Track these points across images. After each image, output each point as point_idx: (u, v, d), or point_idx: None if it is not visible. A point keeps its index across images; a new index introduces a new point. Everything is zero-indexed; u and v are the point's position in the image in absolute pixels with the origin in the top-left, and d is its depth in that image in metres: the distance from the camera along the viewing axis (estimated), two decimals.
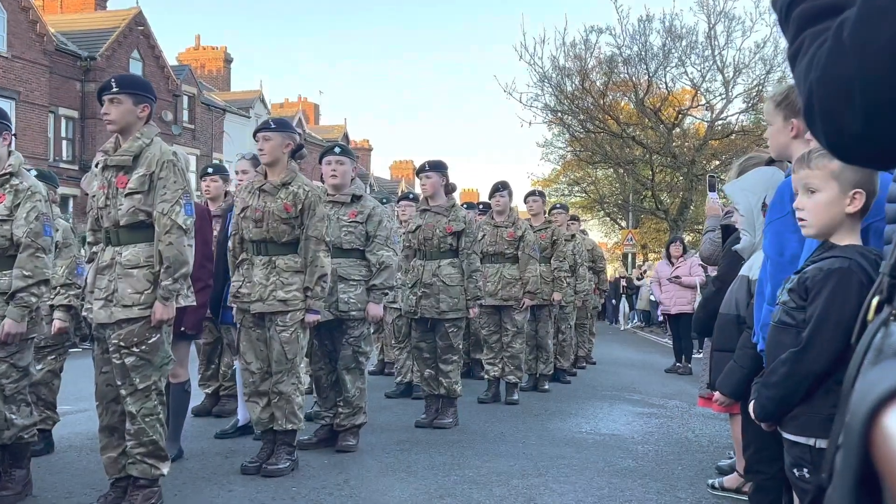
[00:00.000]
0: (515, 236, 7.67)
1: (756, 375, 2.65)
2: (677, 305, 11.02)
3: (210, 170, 6.57)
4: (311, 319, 4.72)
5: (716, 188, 4.87)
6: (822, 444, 2.26)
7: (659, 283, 11.54)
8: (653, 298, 15.84)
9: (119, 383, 3.79)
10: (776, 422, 2.43)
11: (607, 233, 37.55)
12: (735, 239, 3.81)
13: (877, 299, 0.96)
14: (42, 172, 5.26)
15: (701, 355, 6.80)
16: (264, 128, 4.86)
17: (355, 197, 5.52)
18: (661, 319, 14.68)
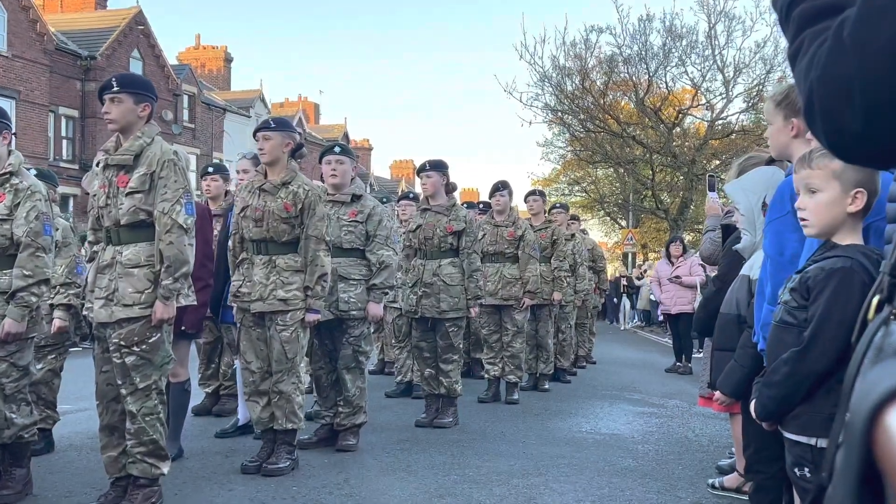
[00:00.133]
0: (515, 236, 7.67)
1: (756, 375, 2.64)
2: (678, 305, 11.01)
3: (210, 169, 6.57)
4: (312, 319, 4.72)
5: (716, 188, 4.87)
6: (823, 444, 2.26)
7: (659, 283, 11.52)
8: (653, 298, 15.83)
9: (119, 382, 3.79)
10: (777, 421, 2.42)
11: (607, 232, 37.56)
12: (735, 238, 3.81)
13: (877, 298, 0.97)
14: (42, 172, 5.25)
15: (701, 355, 6.79)
16: (264, 127, 4.86)
17: (355, 196, 5.52)
18: (661, 319, 14.67)
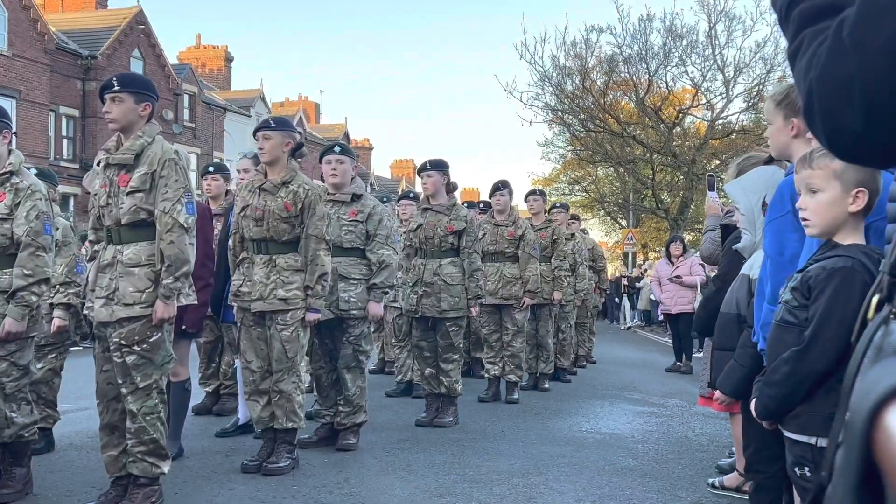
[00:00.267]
0: (516, 235, 7.67)
1: (756, 374, 2.65)
2: (678, 305, 11.00)
3: (211, 168, 6.57)
4: (312, 318, 4.72)
5: (715, 187, 4.87)
6: (823, 443, 2.26)
7: (659, 283, 11.52)
8: (653, 298, 15.83)
9: (120, 382, 3.79)
10: (778, 420, 2.43)
11: (608, 232, 37.56)
12: (735, 238, 3.81)
13: (877, 297, 0.97)
14: (42, 171, 5.26)
15: (701, 354, 6.79)
16: (264, 126, 4.86)
17: (355, 196, 5.52)
18: (661, 319, 14.66)
